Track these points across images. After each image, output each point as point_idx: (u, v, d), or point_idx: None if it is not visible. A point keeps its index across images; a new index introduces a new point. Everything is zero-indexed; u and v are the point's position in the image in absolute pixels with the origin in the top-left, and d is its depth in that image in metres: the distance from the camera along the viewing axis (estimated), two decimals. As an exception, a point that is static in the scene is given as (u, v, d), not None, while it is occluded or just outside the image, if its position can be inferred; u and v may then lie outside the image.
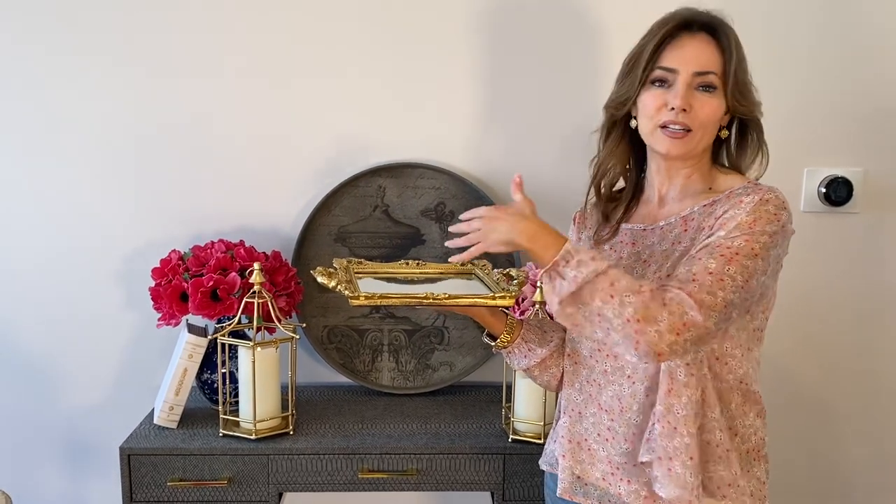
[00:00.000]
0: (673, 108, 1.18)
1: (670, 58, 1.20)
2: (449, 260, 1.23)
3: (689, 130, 1.20)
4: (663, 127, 1.20)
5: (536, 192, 1.84)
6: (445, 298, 1.23)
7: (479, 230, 1.17)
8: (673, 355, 1.09)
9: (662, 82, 1.21)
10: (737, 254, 1.11)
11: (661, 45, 1.21)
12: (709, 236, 1.15)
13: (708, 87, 1.19)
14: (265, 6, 1.79)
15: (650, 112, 1.22)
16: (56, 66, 1.80)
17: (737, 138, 1.27)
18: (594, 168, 1.34)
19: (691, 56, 1.19)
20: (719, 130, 1.24)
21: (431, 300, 1.22)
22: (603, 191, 1.34)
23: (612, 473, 1.26)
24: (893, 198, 1.87)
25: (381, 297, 1.22)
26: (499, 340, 1.34)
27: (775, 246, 1.15)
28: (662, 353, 1.07)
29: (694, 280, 1.10)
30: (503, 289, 1.29)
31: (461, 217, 1.21)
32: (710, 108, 1.19)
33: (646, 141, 1.26)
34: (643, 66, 1.21)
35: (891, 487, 1.99)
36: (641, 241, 1.28)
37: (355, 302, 1.22)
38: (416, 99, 1.83)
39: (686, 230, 1.22)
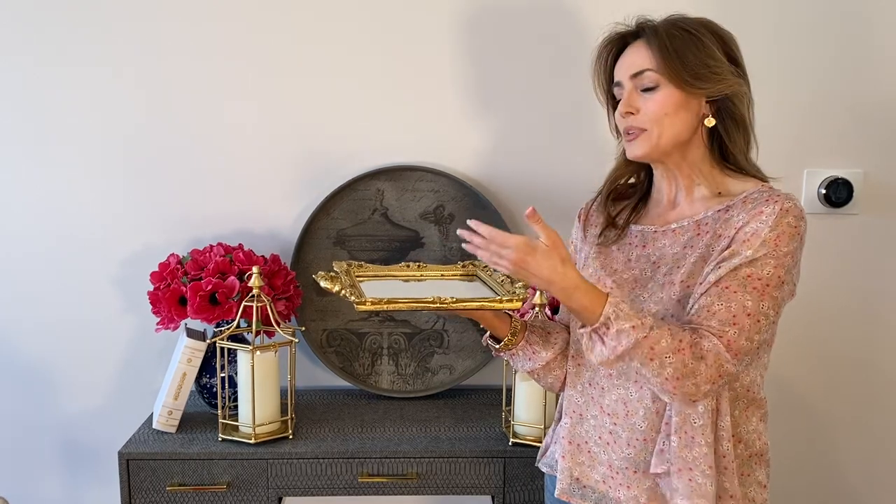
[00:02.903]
0: (623, 116, 1.24)
1: (616, 72, 1.26)
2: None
3: (644, 129, 1.22)
4: (626, 133, 1.25)
5: (536, 193, 1.85)
6: (453, 302, 1.20)
7: (505, 264, 1.10)
8: (706, 400, 1.16)
9: (622, 97, 1.25)
10: (767, 285, 1.13)
11: (608, 66, 1.28)
12: (732, 253, 1.14)
13: (649, 85, 1.21)
14: (264, 10, 1.79)
15: (618, 125, 1.28)
16: (54, 71, 1.79)
17: (723, 124, 1.24)
18: (608, 176, 1.36)
19: (627, 64, 1.24)
20: (704, 119, 1.23)
21: (439, 304, 1.20)
22: (615, 186, 1.35)
23: (612, 477, 1.26)
24: (893, 199, 1.87)
25: (389, 301, 1.20)
26: (503, 343, 1.32)
27: (796, 263, 1.18)
28: (697, 401, 1.14)
29: (735, 324, 1.11)
30: (509, 291, 1.27)
31: (473, 224, 1.14)
32: (654, 103, 1.20)
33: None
34: (601, 90, 1.30)
35: (890, 489, 1.98)
36: (652, 244, 1.27)
37: (362, 307, 1.19)
38: (415, 102, 1.83)
39: (699, 234, 1.22)
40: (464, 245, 1.16)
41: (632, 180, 1.36)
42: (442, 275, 1.42)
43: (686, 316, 1.16)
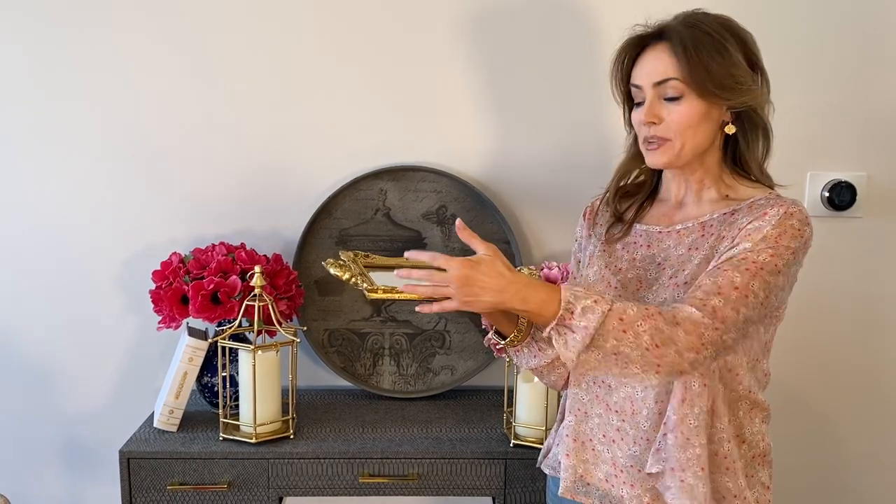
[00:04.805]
0: (645, 124, 1.21)
1: (636, 75, 1.23)
2: (417, 309, 1.15)
3: (668, 140, 1.20)
4: (644, 142, 1.23)
5: (538, 193, 1.85)
6: None
7: (451, 290, 1.07)
8: (695, 371, 1.13)
9: (641, 100, 1.23)
10: (761, 268, 1.12)
11: (626, 66, 1.24)
12: (731, 247, 1.14)
13: (673, 95, 1.18)
14: (267, 10, 1.79)
15: (637, 130, 1.25)
16: (57, 70, 1.79)
17: (743, 131, 1.23)
18: (616, 171, 1.35)
19: (650, 69, 1.20)
20: (724, 126, 1.22)
21: None
22: (622, 184, 1.34)
23: (616, 476, 1.25)
24: (897, 202, 1.87)
25: (400, 290, 1.18)
26: (509, 339, 1.30)
27: (796, 262, 1.17)
28: (685, 371, 1.12)
29: (720, 293, 1.10)
30: None
31: (410, 256, 1.13)
32: (679, 115, 1.18)
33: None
34: (619, 90, 1.27)
35: (890, 492, 1.98)
36: (657, 244, 1.27)
37: (373, 295, 1.17)
38: (418, 102, 1.83)
39: (703, 236, 1.22)
40: (404, 287, 1.12)
41: (641, 178, 1.35)
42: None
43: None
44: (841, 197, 1.82)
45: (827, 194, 1.83)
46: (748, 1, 1.76)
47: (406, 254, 1.14)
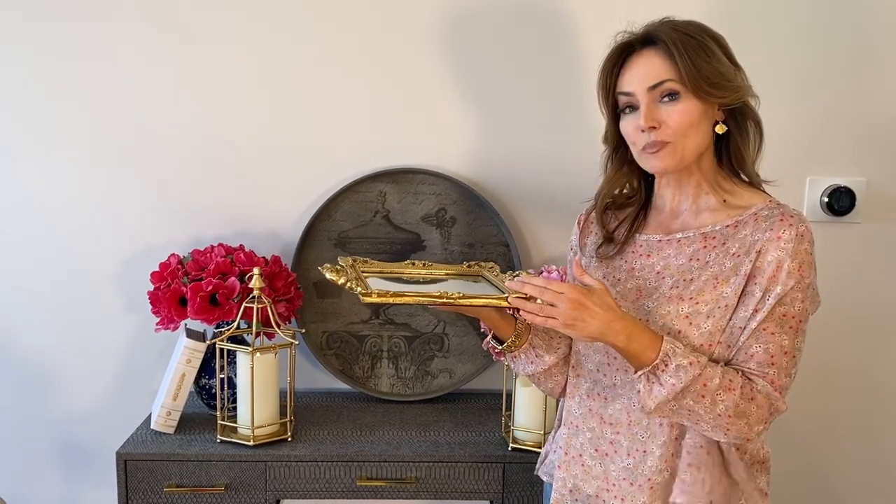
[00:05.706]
0: (644, 130, 1.19)
1: (625, 82, 1.21)
2: (510, 300, 1.16)
3: (668, 143, 1.18)
4: (644, 149, 1.21)
5: (537, 196, 1.85)
6: (459, 297, 1.19)
7: (559, 310, 1.11)
8: (757, 438, 1.19)
9: (631, 107, 1.21)
10: (800, 321, 1.15)
11: (612, 75, 1.22)
12: (765, 293, 1.13)
13: (671, 95, 1.17)
14: (265, 12, 1.78)
15: (631, 139, 1.23)
16: (53, 69, 1.79)
17: (737, 126, 1.22)
18: (599, 194, 1.32)
19: (641, 74, 1.19)
20: (715, 125, 1.21)
21: (445, 299, 1.18)
22: (608, 202, 1.32)
23: (608, 490, 1.24)
24: (896, 208, 1.87)
25: (395, 294, 1.18)
26: (506, 344, 1.30)
27: (815, 294, 1.20)
28: (750, 440, 1.17)
29: (773, 364, 1.14)
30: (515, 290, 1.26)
31: (524, 279, 1.15)
32: (678, 115, 1.17)
33: (640, 165, 1.25)
34: (606, 100, 1.24)
35: (890, 495, 1.98)
36: (657, 253, 1.25)
37: (368, 299, 1.16)
38: (418, 104, 1.82)
39: (706, 247, 1.20)
40: (511, 298, 1.15)
41: (626, 190, 1.32)
42: (447, 273, 1.40)
43: (728, 355, 1.17)
44: (840, 202, 1.82)
45: (826, 199, 1.84)
46: (749, 4, 1.77)
47: (520, 276, 1.17)
